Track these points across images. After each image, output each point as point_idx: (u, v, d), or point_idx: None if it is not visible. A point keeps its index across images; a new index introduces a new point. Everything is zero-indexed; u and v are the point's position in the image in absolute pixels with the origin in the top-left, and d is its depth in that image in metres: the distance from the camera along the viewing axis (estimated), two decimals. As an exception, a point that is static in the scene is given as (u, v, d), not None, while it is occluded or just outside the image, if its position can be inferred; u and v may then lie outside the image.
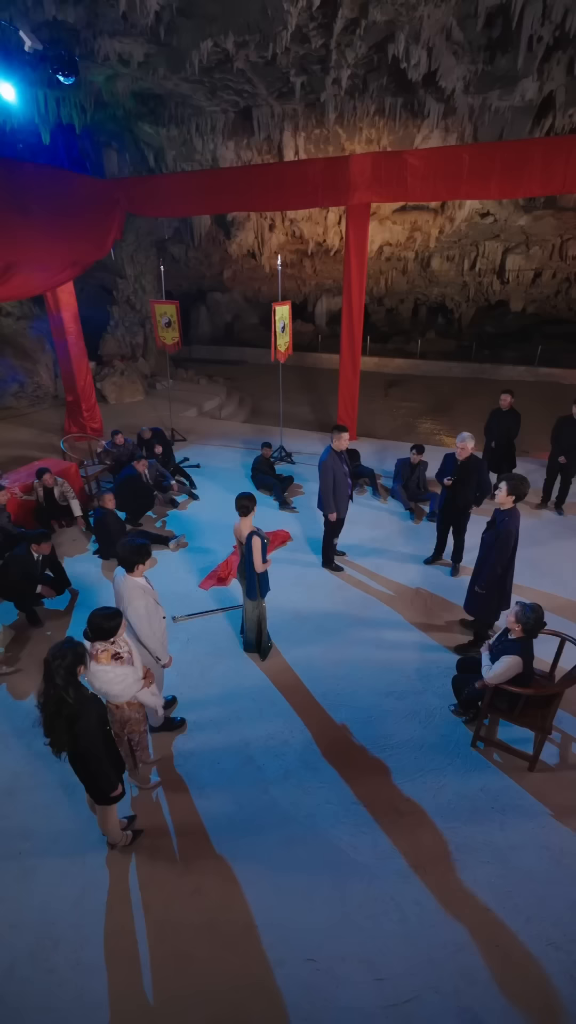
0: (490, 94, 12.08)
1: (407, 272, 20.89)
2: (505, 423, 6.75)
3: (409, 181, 7.30)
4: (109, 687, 2.87)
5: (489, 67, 11.05)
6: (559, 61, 11.15)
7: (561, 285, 20.37)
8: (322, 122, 13.18)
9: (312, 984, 2.53)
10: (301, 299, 22.92)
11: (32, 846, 3.14)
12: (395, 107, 12.65)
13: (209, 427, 10.72)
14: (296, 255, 19.08)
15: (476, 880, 2.93)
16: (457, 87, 11.51)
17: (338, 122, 13.17)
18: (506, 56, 10.71)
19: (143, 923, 2.77)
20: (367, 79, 11.66)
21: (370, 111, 12.84)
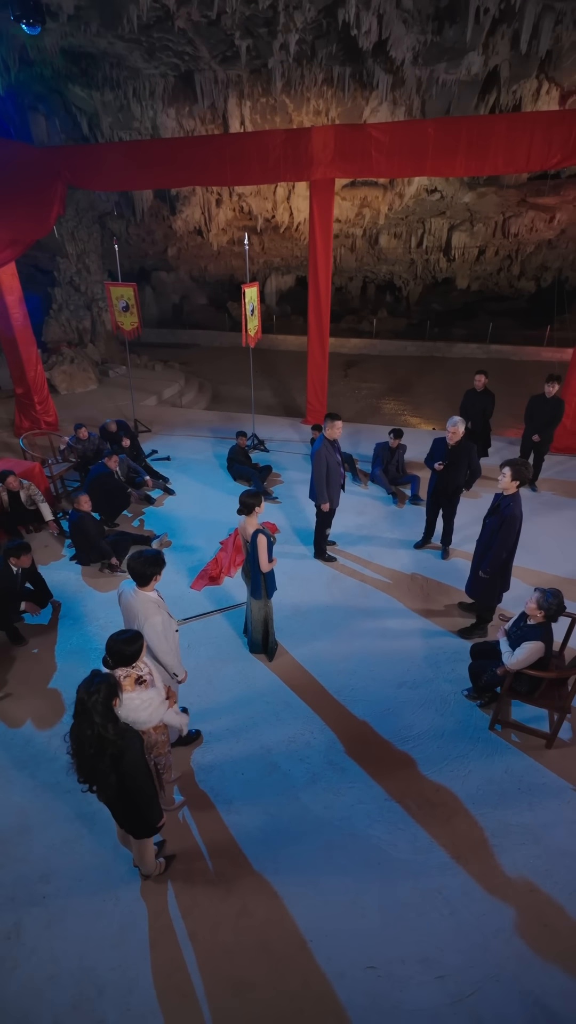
0: (438, 67, 11.97)
1: (356, 249, 20.71)
2: (480, 403, 6.83)
3: (374, 156, 7.10)
4: (136, 714, 2.66)
5: (438, 38, 10.92)
6: (503, 35, 11.17)
7: (503, 262, 20.86)
8: (269, 90, 12.65)
9: (376, 992, 2.50)
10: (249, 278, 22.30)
11: (56, 888, 2.92)
12: (344, 77, 12.33)
13: (172, 416, 10.27)
14: (243, 232, 18.45)
15: (515, 863, 3.00)
16: (406, 58, 11.32)
17: (285, 91, 12.69)
18: (454, 27, 10.60)
19: (192, 954, 2.64)
20: (315, 45, 11.25)
21: (318, 80, 12.44)
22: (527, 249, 19.78)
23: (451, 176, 10.43)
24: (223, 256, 20.24)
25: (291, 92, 12.69)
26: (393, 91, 12.58)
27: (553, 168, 6.78)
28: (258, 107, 13.33)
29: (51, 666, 4.42)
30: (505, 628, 3.63)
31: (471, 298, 23.17)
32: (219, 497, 7.11)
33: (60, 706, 4.03)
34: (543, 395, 6.51)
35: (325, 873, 2.96)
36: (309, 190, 7.87)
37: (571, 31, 11.12)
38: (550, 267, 21.12)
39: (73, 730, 2.31)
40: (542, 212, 17.81)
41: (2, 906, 2.85)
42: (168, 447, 8.62)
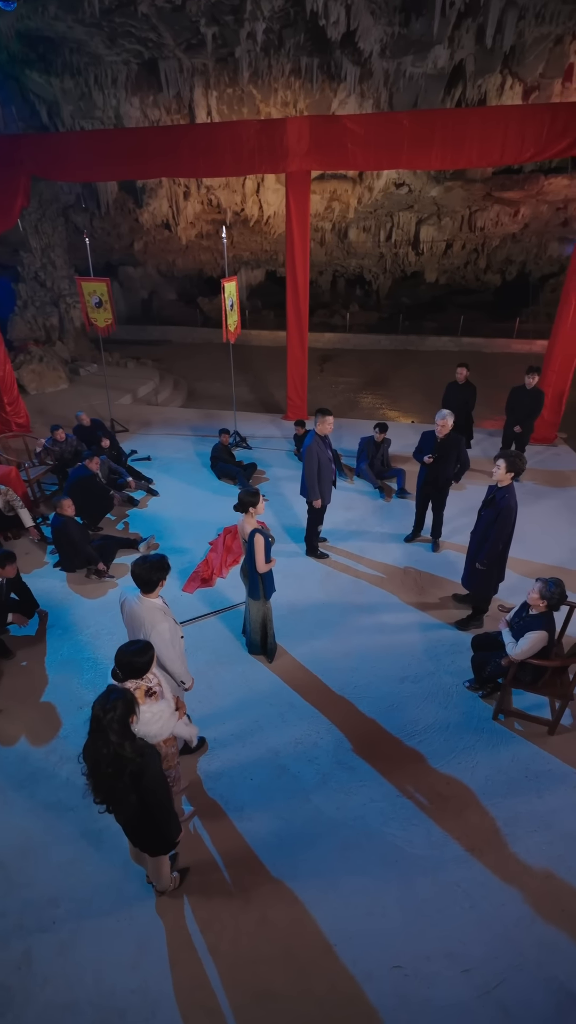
0: (405, 59, 12.01)
1: (325, 243, 20.67)
2: (462, 396, 6.90)
3: (350, 148, 7.04)
4: (148, 727, 2.56)
5: (405, 30, 10.93)
6: (468, 29, 11.26)
7: (470, 256, 21.16)
8: (236, 80, 12.44)
9: (404, 991, 2.49)
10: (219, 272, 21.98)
11: (65, 911, 2.80)
12: (311, 68, 12.22)
13: (149, 415, 10.04)
14: (212, 225, 18.16)
15: (529, 851, 3.03)
16: (374, 50, 11.31)
17: (252, 81, 12.51)
18: (421, 20, 10.63)
19: (214, 969, 2.57)
20: (283, 35, 11.11)
21: (286, 71, 12.31)
22: (493, 243, 20.11)
23: (427, 169, 10.47)
24: (192, 250, 19.89)
25: (258, 82, 12.51)
26: (361, 83, 12.56)
27: (526, 162, 6.86)
28: (225, 97, 13.11)
29: (42, 679, 4.25)
30: (507, 619, 3.66)
31: (439, 291, 23.44)
32: (204, 497, 6.98)
33: (55, 720, 3.88)
34: (523, 386, 6.62)
35: (343, 874, 2.93)
36: (285, 182, 7.76)
37: (533, 27, 11.29)
38: (515, 261, 21.54)
39: (88, 749, 2.20)
40: (507, 206, 18.13)
41: (9, 935, 2.71)
42: (148, 447, 8.41)
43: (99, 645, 4.56)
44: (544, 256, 21.12)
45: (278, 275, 23.00)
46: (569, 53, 11.91)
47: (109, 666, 4.28)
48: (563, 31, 11.27)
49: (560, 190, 17.35)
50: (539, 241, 20.41)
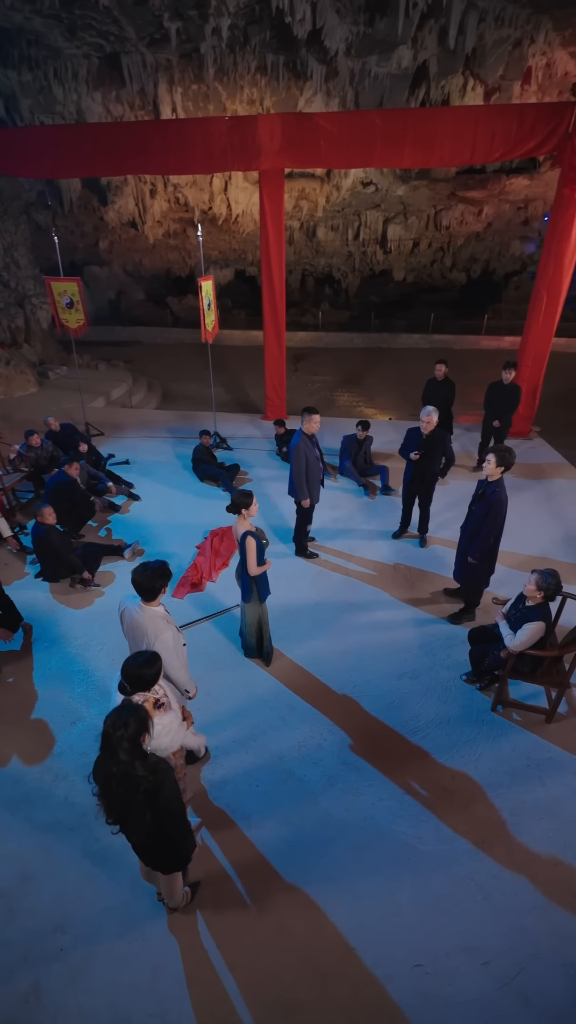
0: (369, 59, 12.10)
1: (294, 242, 20.65)
2: (442, 392, 6.98)
3: (323, 145, 7.03)
4: (159, 740, 2.48)
5: (369, 29, 11.01)
6: (431, 30, 11.41)
7: (436, 254, 21.49)
8: (201, 76, 12.30)
9: (426, 989, 2.48)
10: (187, 272, 21.72)
11: (73, 937, 2.69)
12: (277, 65, 12.17)
13: (125, 417, 9.81)
14: (180, 224, 17.92)
15: (536, 839, 3.08)
16: (340, 48, 11.34)
17: (218, 78, 12.39)
18: (385, 19, 10.71)
19: (234, 984, 2.51)
20: (248, 31, 11.03)
21: (251, 68, 12.22)
22: (458, 241, 20.48)
23: (399, 167, 10.53)
24: (159, 249, 19.58)
25: (224, 79, 12.38)
26: (327, 82, 12.58)
27: (496, 161, 6.99)
28: (190, 94, 12.93)
29: (31, 695, 4.09)
30: (503, 611, 3.71)
31: (407, 290, 23.75)
32: (188, 499, 6.86)
33: (48, 738, 3.73)
34: (500, 382, 6.74)
35: (357, 876, 2.91)
36: (257, 180, 7.69)
37: (493, 30, 11.51)
38: (479, 259, 22.01)
39: (98, 767, 2.11)
40: (471, 205, 18.48)
41: (15, 967, 2.58)
42: (125, 450, 8.22)
43: (89, 657, 4.42)
44: (507, 254, 21.65)
45: (247, 274, 22.88)
46: (527, 56, 12.17)
47: (101, 678, 4.18)
48: (521, 34, 11.52)
49: (521, 190, 17.80)
50: (502, 240, 20.91)
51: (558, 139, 6.58)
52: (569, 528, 6.10)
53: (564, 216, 6.75)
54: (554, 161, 15.46)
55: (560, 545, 5.79)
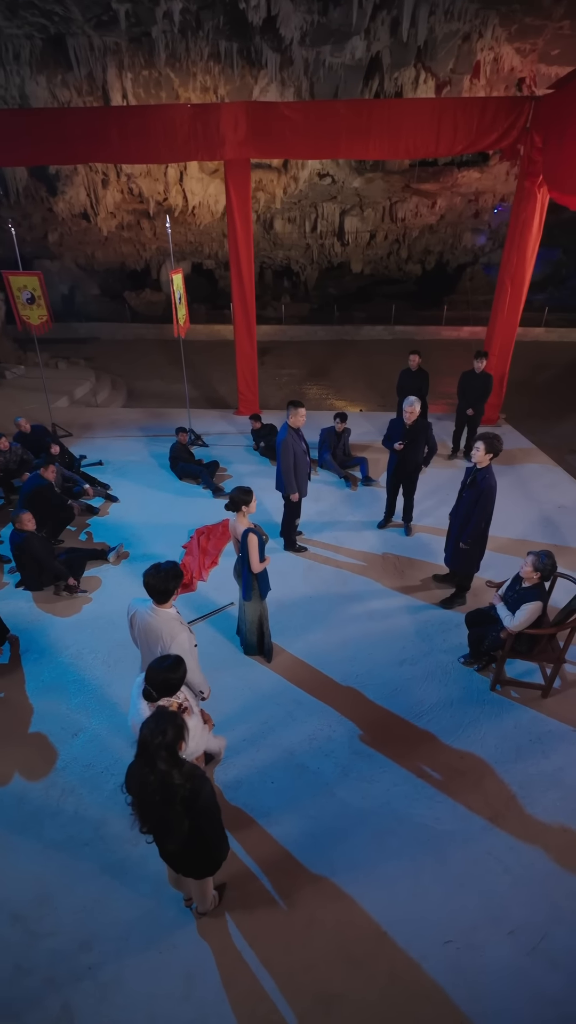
0: (324, 48, 12.05)
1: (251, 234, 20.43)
2: (415, 382, 7.09)
3: (288, 136, 6.96)
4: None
5: (323, 19, 10.95)
6: (383, 21, 11.48)
7: (392, 246, 21.79)
8: (152, 62, 11.94)
9: (460, 964, 2.56)
10: (142, 265, 21.15)
11: (100, 954, 2.61)
12: (231, 53, 11.95)
13: (92, 417, 9.49)
14: (134, 215, 17.40)
15: (546, 809, 3.21)
16: (295, 37, 11.24)
17: (170, 64, 12.05)
18: (339, 9, 10.69)
19: (271, 981, 2.51)
20: (200, 16, 10.76)
21: (204, 54, 11.96)
22: (413, 234, 20.82)
23: (366, 158, 10.54)
24: (112, 242, 18.97)
25: (176, 65, 12.07)
26: (282, 71, 12.46)
27: (459, 153, 7.12)
28: (141, 80, 12.53)
29: (26, 708, 3.92)
30: (499, 594, 3.83)
31: (364, 282, 23.97)
32: (167, 499, 6.72)
33: (50, 752, 3.59)
34: (473, 371, 6.91)
35: (381, 862, 2.96)
36: (224, 170, 7.54)
37: (443, 23, 11.67)
38: (433, 251, 22.46)
39: (133, 776, 2.05)
40: (425, 198, 18.80)
41: (41, 992, 2.49)
42: (97, 451, 7.95)
43: (83, 666, 4.27)
44: (460, 246, 22.18)
45: (205, 267, 22.52)
46: (476, 51, 12.40)
47: (99, 687, 4.06)
48: (470, 29, 11.73)
49: (472, 182, 18.23)
50: (454, 232, 21.40)
51: (517, 133, 6.76)
52: (544, 510, 6.35)
53: (526, 208, 6.96)
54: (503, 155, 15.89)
55: (538, 527, 6.02)
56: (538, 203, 6.85)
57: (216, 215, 17.63)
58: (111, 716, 3.84)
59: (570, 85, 5.70)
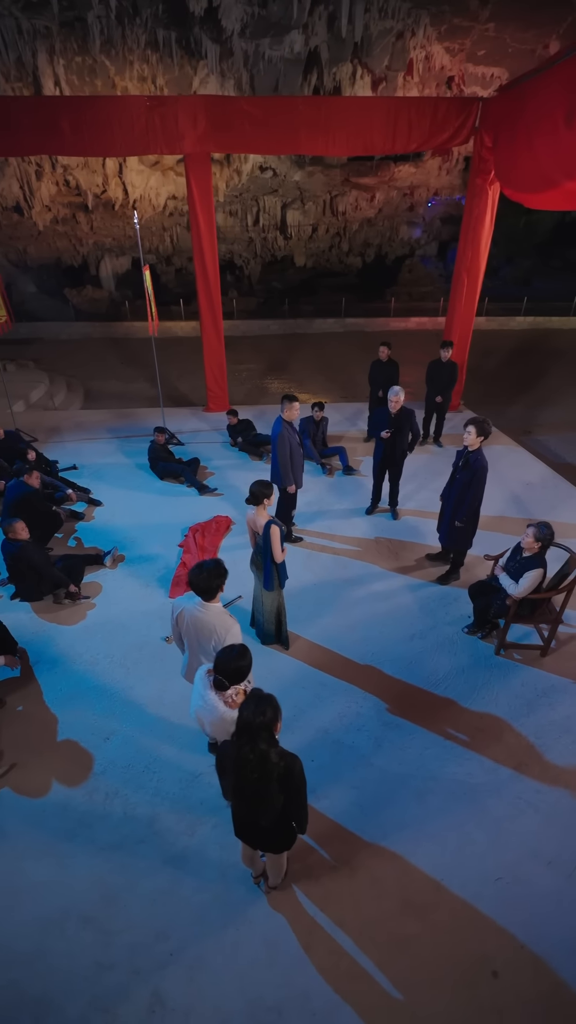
0: (263, 41, 12.07)
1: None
2: (386, 372, 7.37)
3: (248, 130, 6.99)
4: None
5: (263, 11, 10.97)
6: (321, 16, 11.65)
7: (334, 240, 22.14)
8: (85, 48, 11.52)
9: (510, 897, 2.84)
10: (79, 261, 20.35)
11: (178, 941, 2.69)
12: (169, 42, 11.72)
13: (55, 421, 9.14)
14: (70, 209, 16.70)
15: (560, 754, 3.57)
16: (235, 28, 11.20)
17: (104, 51, 11.67)
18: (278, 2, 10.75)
19: (347, 939, 2.68)
20: (138, 3, 10.48)
21: (141, 42, 11.65)
22: (353, 227, 21.24)
23: (325, 154, 10.63)
24: (47, 236, 18.13)
25: (112, 53, 11.71)
26: (222, 63, 12.36)
27: (414, 150, 7.41)
28: (74, 66, 12.08)
29: (49, 719, 3.85)
30: (501, 564, 4.15)
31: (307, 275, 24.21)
32: (152, 499, 6.66)
33: (84, 758, 3.57)
34: (439, 360, 7.28)
35: (427, 819, 3.19)
36: (184, 164, 7.45)
37: (377, 21, 12.00)
38: (372, 244, 23.03)
39: (228, 756, 2.15)
40: (363, 191, 19.22)
41: (128, 984, 2.54)
42: (68, 455, 7.71)
43: (101, 672, 4.23)
44: (397, 239, 22.87)
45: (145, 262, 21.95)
46: (409, 49, 12.80)
47: (122, 690, 4.06)
48: (403, 27, 12.11)
49: (407, 177, 18.82)
50: (391, 225, 22.04)
51: (467, 132, 7.14)
52: (513, 489, 6.82)
53: (478, 204, 7.37)
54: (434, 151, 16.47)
55: (510, 504, 6.48)
56: (489, 199, 7.28)
57: (158, 208, 17.25)
58: (140, 717, 3.85)
59: (515, 89, 6.10)
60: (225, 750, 2.23)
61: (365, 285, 23.34)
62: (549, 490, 6.81)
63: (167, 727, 3.78)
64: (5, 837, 3.13)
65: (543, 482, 7.00)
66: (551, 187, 5.29)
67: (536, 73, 5.63)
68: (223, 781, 2.30)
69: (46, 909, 2.81)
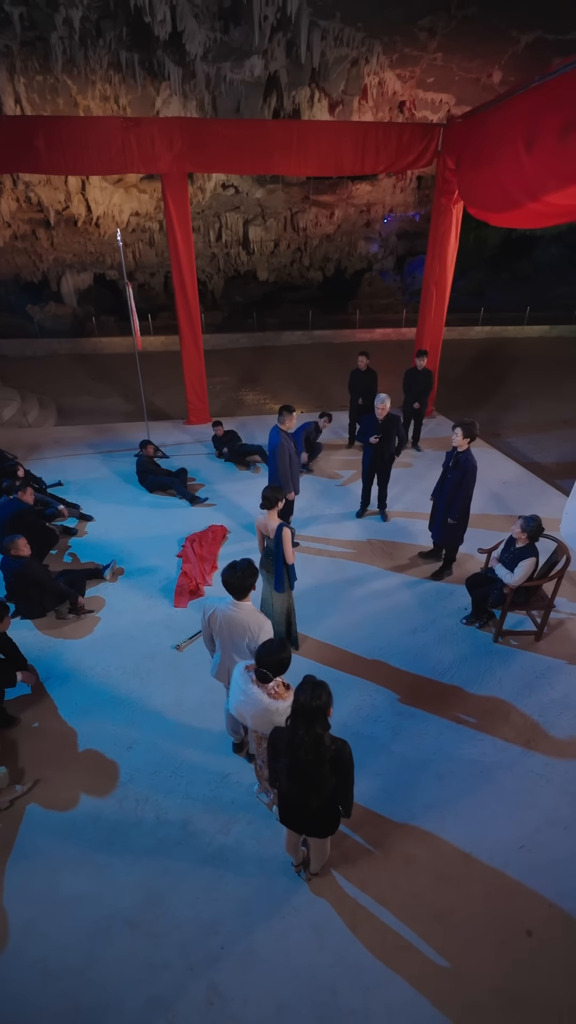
0: (224, 65, 12.40)
1: (155, 244, 20.26)
2: (366, 381, 7.68)
3: (224, 151, 7.22)
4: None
5: (225, 37, 11.31)
6: (280, 43, 12.09)
7: (295, 255, 22.69)
8: (47, 67, 11.55)
9: (533, 862, 3.04)
10: (39, 277, 20.06)
11: (228, 935, 2.75)
12: (132, 63, 11.89)
13: (32, 438, 8.99)
14: (30, 225, 16.52)
15: (563, 728, 3.83)
16: (198, 52, 11.47)
17: (67, 71, 11.74)
18: (239, 29, 11.11)
19: (390, 915, 2.82)
20: (100, 25, 10.62)
21: (104, 63, 11.78)
22: (313, 242, 21.84)
23: (299, 174, 10.97)
24: (5, 253, 17.84)
25: (74, 72, 11.79)
26: (184, 84, 12.62)
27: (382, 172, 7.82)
28: (35, 85, 12.09)
29: (68, 732, 3.84)
30: (496, 556, 4.43)
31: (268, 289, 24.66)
32: (144, 512, 6.68)
33: (109, 768, 3.58)
34: (415, 368, 7.64)
35: (449, 798, 3.37)
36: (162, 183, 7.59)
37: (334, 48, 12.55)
38: (332, 258, 23.70)
39: (282, 739, 2.28)
40: (323, 208, 19.85)
41: (184, 979, 2.59)
42: (52, 472, 7.62)
43: (115, 683, 4.24)
44: (355, 253, 23.64)
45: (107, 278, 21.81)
46: (363, 75, 13.44)
47: (140, 699, 4.10)
48: (358, 55, 12.71)
49: (364, 195, 19.58)
50: (350, 240, 22.77)
51: (430, 155, 7.61)
52: (491, 488, 7.20)
53: (443, 222, 7.83)
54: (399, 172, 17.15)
55: (490, 502, 6.84)
56: (453, 217, 7.75)
57: (121, 224, 17.27)
58: (161, 724, 3.89)
59: (476, 117, 6.58)
60: (279, 734, 2.35)
61: (327, 298, 23.96)
62: (524, 487, 7.24)
63: (189, 732, 3.83)
64: (39, 852, 3.12)
65: (518, 480, 7.43)
66: (515, 207, 5.73)
67: (496, 103, 6.10)
68: (275, 764, 2.41)
69: (90, 919, 2.82)
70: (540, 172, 5.17)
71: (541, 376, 14.23)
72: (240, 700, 2.70)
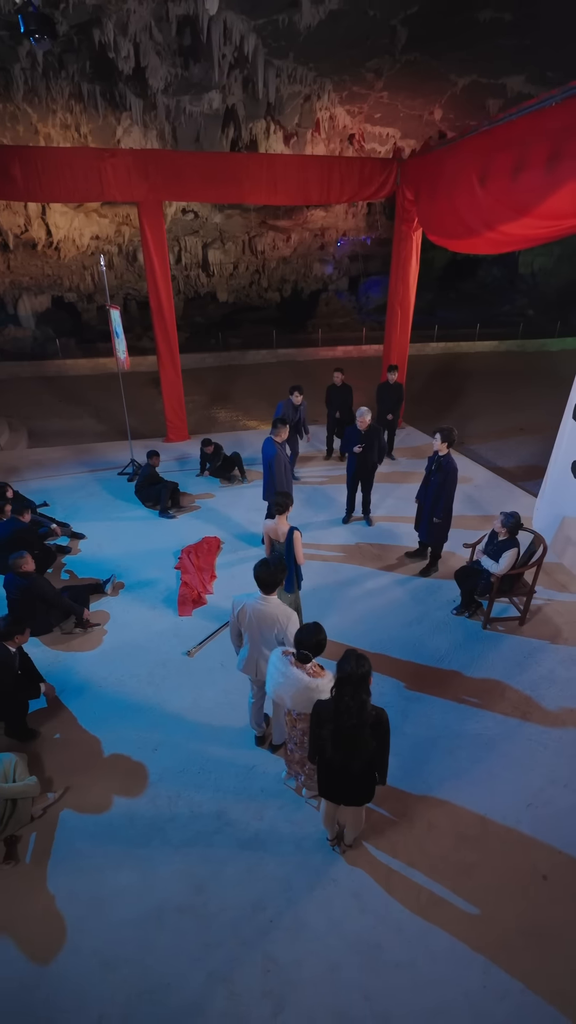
0: (184, 98, 12.90)
1: (114, 267, 20.40)
2: (341, 395, 8.11)
3: (198, 181, 7.59)
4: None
5: (186, 72, 11.81)
6: (237, 78, 12.72)
7: (253, 276, 23.33)
8: (8, 95, 11.66)
9: (543, 817, 3.38)
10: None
11: (274, 908, 2.93)
12: (94, 94, 12.19)
13: (9, 461, 8.90)
14: (-11, 249, 16.34)
15: (553, 700, 4.23)
16: (159, 86, 11.91)
17: (27, 99, 11.90)
18: (199, 65, 11.63)
19: (421, 876, 3.07)
20: (63, 59, 10.89)
21: (65, 93, 12.02)
22: (271, 264, 22.56)
23: (268, 203, 11.42)
24: (-42, 276, 17.53)
25: (35, 101, 11.96)
26: (145, 115, 13.01)
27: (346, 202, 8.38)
28: (-6, 112, 12.12)
29: (91, 740, 3.92)
30: (480, 549, 4.85)
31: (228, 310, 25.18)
32: (136, 527, 6.79)
33: (138, 769, 3.69)
34: (387, 382, 8.14)
35: (461, 769, 3.68)
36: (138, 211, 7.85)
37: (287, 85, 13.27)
38: (288, 280, 24.51)
39: (327, 708, 2.52)
40: (280, 232, 20.60)
41: (239, 954, 2.75)
42: (34, 493, 7.58)
43: (130, 691, 4.35)
44: (311, 275, 24.55)
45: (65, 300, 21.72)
46: (316, 110, 14.25)
47: (159, 703, 4.24)
48: (310, 91, 13.50)
49: (319, 220, 20.47)
50: (306, 263, 23.65)
51: (389, 187, 8.24)
52: (465, 491, 7.70)
53: (404, 247, 8.46)
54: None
55: (465, 503, 7.34)
56: (414, 243, 8.39)
57: (81, 248, 17.36)
58: (182, 725, 4.03)
59: (432, 154, 7.24)
60: (323, 705, 2.60)
61: (286, 318, 24.67)
62: (493, 489, 7.80)
63: (211, 730, 3.99)
64: (79, 855, 3.20)
65: (487, 483, 8.00)
66: (473, 235, 6.34)
67: (450, 142, 6.75)
68: (319, 732, 2.63)
69: (139, 910, 2.94)
70: (494, 205, 5.78)
71: (495, 387, 15.20)
72: (280, 683, 2.93)
